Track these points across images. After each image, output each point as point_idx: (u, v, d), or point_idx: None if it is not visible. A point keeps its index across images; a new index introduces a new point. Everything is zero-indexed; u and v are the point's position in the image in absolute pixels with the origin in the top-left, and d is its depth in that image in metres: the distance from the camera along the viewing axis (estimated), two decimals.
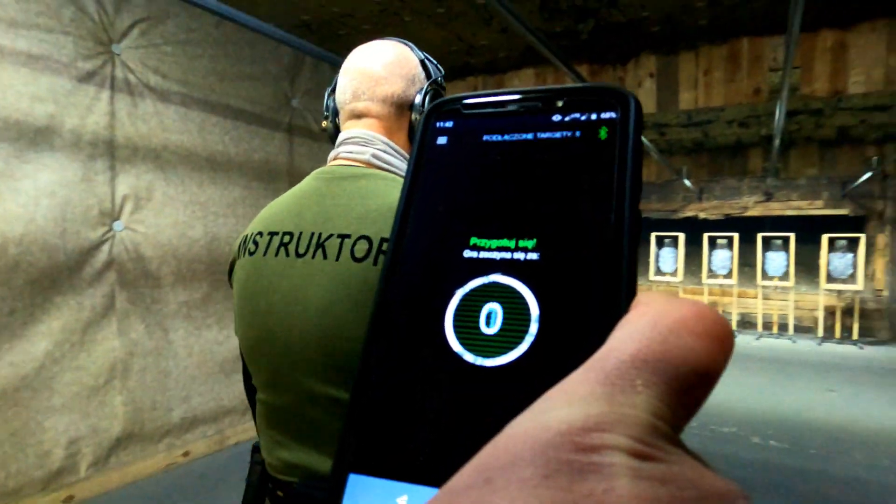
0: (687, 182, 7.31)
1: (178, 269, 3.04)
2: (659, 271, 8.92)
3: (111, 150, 2.71)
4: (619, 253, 0.17)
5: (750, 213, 9.31)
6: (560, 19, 3.54)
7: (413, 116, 0.90)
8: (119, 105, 2.74)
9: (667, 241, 8.92)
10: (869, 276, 8.06)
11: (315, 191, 0.85)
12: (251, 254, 0.85)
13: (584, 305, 0.17)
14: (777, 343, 7.61)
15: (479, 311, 0.18)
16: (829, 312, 8.25)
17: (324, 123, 0.99)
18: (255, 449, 0.91)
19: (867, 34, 3.27)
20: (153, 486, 2.82)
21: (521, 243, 0.19)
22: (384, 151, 0.87)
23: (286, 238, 0.82)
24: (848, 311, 8.05)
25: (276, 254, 0.81)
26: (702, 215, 9.78)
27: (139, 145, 2.83)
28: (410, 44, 0.95)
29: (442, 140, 0.22)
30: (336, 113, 0.94)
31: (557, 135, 0.20)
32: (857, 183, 7.10)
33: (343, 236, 0.77)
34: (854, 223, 8.54)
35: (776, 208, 9.02)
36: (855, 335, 7.66)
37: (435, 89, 0.92)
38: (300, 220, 0.82)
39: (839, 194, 8.39)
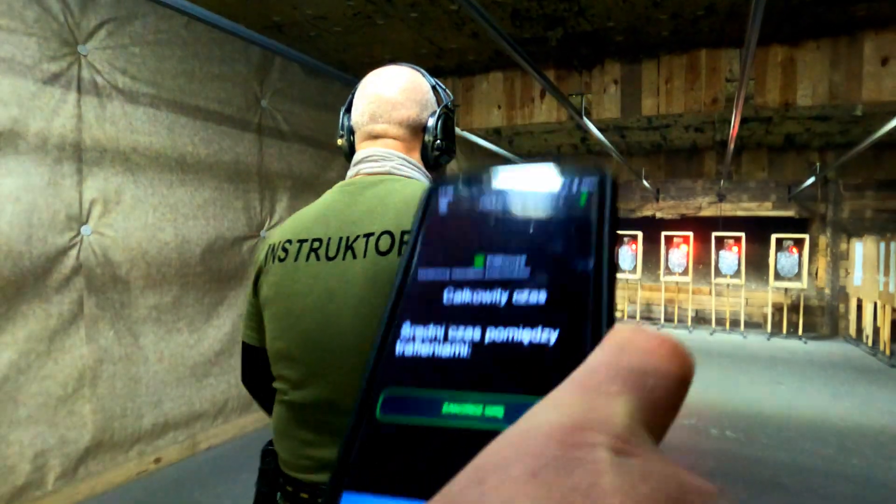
0: (645, 183, 7.57)
1: (148, 272, 2.99)
2: (618, 269, 9.18)
3: (78, 154, 2.64)
4: (599, 296, 0.20)
5: (704, 213, 9.70)
6: (530, 27, 3.64)
7: (426, 138, 0.97)
8: (86, 107, 2.67)
9: (626, 239, 9.21)
10: (812, 275, 8.54)
11: (339, 200, 0.91)
12: (281, 261, 0.90)
13: (579, 339, 0.19)
14: (729, 338, 7.98)
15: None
16: (777, 309, 8.70)
17: (339, 141, 1.05)
18: (266, 453, 0.94)
19: (813, 51, 3.49)
20: (124, 495, 2.77)
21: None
22: (403, 165, 0.94)
23: (315, 244, 0.87)
24: (794, 308, 8.51)
25: (307, 259, 0.87)
26: (658, 214, 10.13)
27: (107, 147, 2.76)
28: (422, 70, 1.01)
29: (443, 208, 0.25)
30: (352, 132, 1.00)
31: (545, 205, 0.23)
32: (801, 187, 7.50)
33: (368, 235, 0.83)
34: (799, 224, 9.03)
35: (728, 209, 9.42)
36: (800, 331, 8.11)
37: (446, 113, 1.00)
38: (327, 227, 0.88)
39: (786, 197, 8.85)
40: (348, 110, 1.02)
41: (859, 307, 7.79)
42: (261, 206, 3.72)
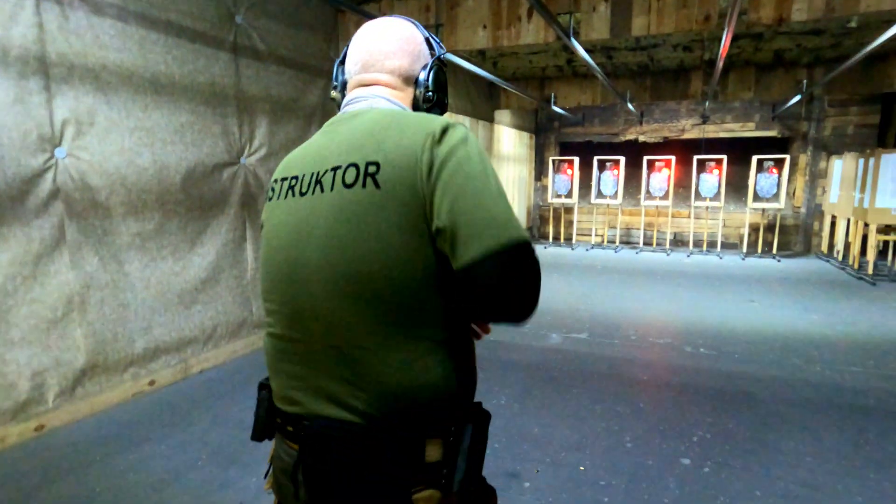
0: (630, 106, 7.46)
1: (129, 198, 2.93)
2: (600, 194, 9.24)
3: (44, 69, 2.50)
4: None
5: (687, 135, 9.66)
6: None
7: (417, 92, 0.96)
8: (47, 16, 2.50)
9: (608, 164, 9.20)
10: (790, 194, 8.68)
11: (319, 138, 0.92)
12: (269, 199, 0.94)
13: None
14: (706, 259, 8.19)
15: None
16: (753, 229, 8.90)
17: (332, 94, 1.04)
18: (262, 386, 0.98)
19: None
20: (122, 414, 2.86)
21: None
22: (386, 102, 0.93)
23: (293, 181, 0.89)
24: (769, 228, 8.71)
25: (285, 196, 0.89)
26: (642, 138, 10.07)
27: (75, 63, 2.62)
28: (416, 22, 1.01)
29: None
30: (345, 84, 1.00)
31: None
32: (787, 105, 7.46)
33: (335, 168, 0.83)
34: (781, 144, 9.06)
35: (711, 130, 9.40)
36: (774, 249, 8.35)
37: (438, 65, 0.98)
38: (304, 165, 0.89)
39: (769, 116, 8.82)
40: (342, 62, 1.01)
41: (833, 224, 8.00)
42: (239, 131, 3.61)
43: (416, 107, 0.96)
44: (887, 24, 4.81)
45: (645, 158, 8.90)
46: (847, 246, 7.34)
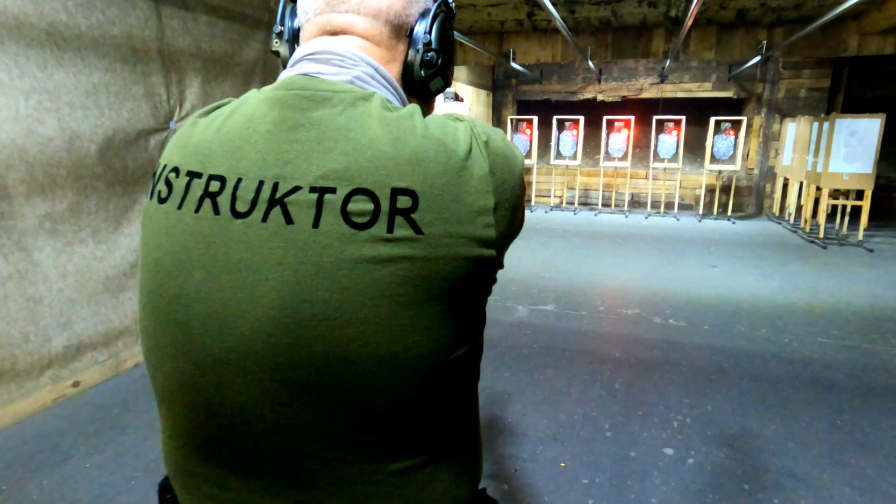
0: (591, 63, 7.20)
1: (31, 175, 2.48)
2: (559, 155, 9.06)
3: None
4: None
5: (645, 94, 9.53)
6: None
7: (412, 50, 0.62)
8: None
9: (567, 124, 8.99)
10: (744, 156, 8.74)
11: (264, 117, 0.55)
12: (161, 200, 0.56)
13: None
14: (663, 221, 8.19)
15: None
16: (709, 191, 8.96)
17: (274, 44, 0.67)
18: (164, 489, 0.66)
19: None
20: (40, 425, 2.49)
21: None
22: (372, 77, 0.59)
23: (213, 185, 0.53)
24: (724, 190, 8.78)
25: (198, 209, 0.53)
26: (600, 97, 9.89)
27: None
28: None
29: None
30: (296, 33, 0.64)
31: None
32: (744, 67, 7.38)
33: (322, 190, 0.50)
34: (736, 105, 9.06)
35: (669, 90, 9.29)
36: (729, 211, 8.43)
37: (445, 12, 0.65)
38: (238, 160, 0.53)
39: (726, 77, 8.77)
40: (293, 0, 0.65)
41: (785, 187, 8.12)
42: (167, 91, 3.14)
43: (407, 74, 0.63)
44: None
45: (604, 118, 8.72)
46: (799, 209, 7.45)
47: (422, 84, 0.63)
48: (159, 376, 0.57)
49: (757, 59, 6.58)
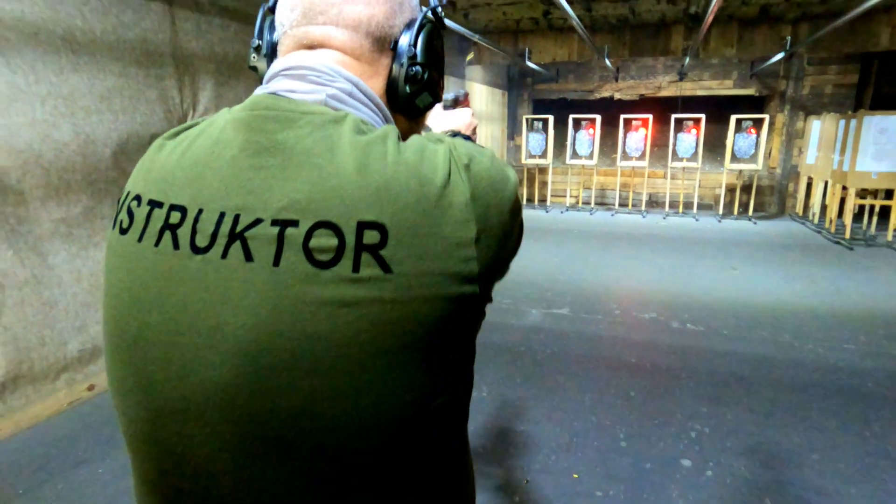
0: (607, 61, 7.10)
1: (47, 180, 2.50)
2: (575, 154, 8.96)
3: None
4: None
5: (663, 92, 9.38)
6: None
7: (395, 64, 0.58)
8: None
9: (583, 123, 8.88)
10: (766, 155, 8.55)
11: (228, 141, 0.51)
12: (123, 231, 0.53)
13: None
14: (683, 221, 8.06)
15: None
16: (729, 190, 8.79)
17: (252, 59, 0.64)
18: None
19: None
20: (55, 429, 2.51)
21: None
22: (350, 95, 0.54)
23: (174, 216, 0.49)
24: (745, 189, 8.60)
25: (157, 242, 0.49)
26: (617, 95, 9.75)
27: None
28: None
29: None
30: (274, 47, 0.61)
31: None
32: (768, 62, 7.21)
33: (283, 223, 0.46)
34: (758, 103, 8.87)
35: (688, 88, 9.13)
36: (750, 211, 8.26)
37: (432, 23, 0.60)
38: (200, 189, 0.49)
39: (748, 74, 8.58)
40: (273, 10, 0.62)
41: (809, 185, 7.93)
42: (180, 95, 3.15)
43: (391, 90, 0.58)
44: None
45: (622, 117, 8.60)
46: (823, 208, 7.27)
47: (407, 100, 0.59)
48: (124, 420, 0.54)
49: (781, 55, 6.42)
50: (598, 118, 8.72)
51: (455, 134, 0.91)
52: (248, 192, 0.47)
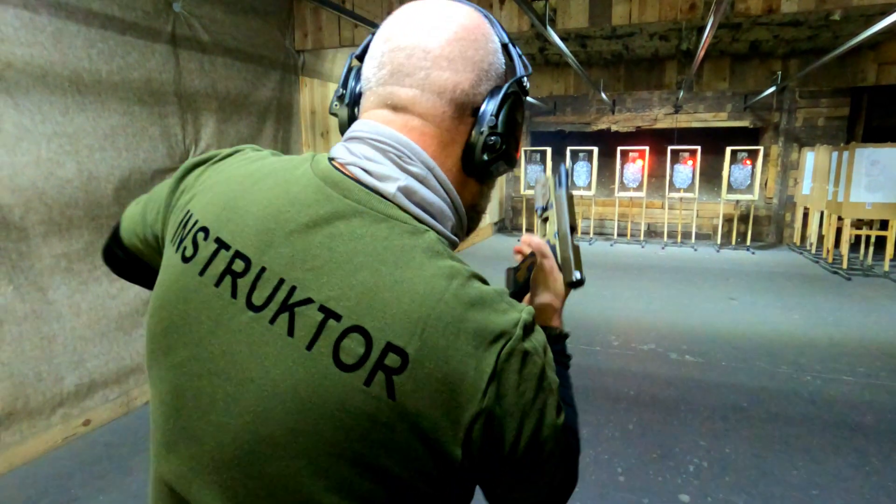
0: (603, 95, 7.24)
1: (49, 216, 2.54)
2: (573, 185, 9.04)
3: None
4: None
5: (659, 125, 9.53)
6: None
7: (475, 132, 0.57)
8: None
9: (581, 154, 9.00)
10: (762, 185, 8.64)
11: (307, 207, 0.52)
12: (185, 259, 0.55)
13: None
14: (681, 251, 8.09)
15: None
16: (727, 220, 8.85)
17: (334, 106, 0.64)
18: None
19: None
20: (49, 465, 2.50)
21: None
22: (423, 183, 0.55)
23: (237, 264, 0.52)
24: (742, 219, 8.66)
25: (218, 283, 0.52)
26: (614, 127, 9.90)
27: None
28: (492, 16, 0.61)
29: None
30: (357, 98, 0.61)
31: None
32: (760, 96, 7.35)
33: (329, 312, 0.48)
34: (752, 135, 9.00)
35: (684, 120, 9.27)
36: (748, 241, 8.30)
37: (516, 93, 0.59)
38: (268, 247, 0.51)
39: (741, 107, 8.73)
40: (361, 58, 0.62)
41: (805, 216, 7.98)
42: (183, 132, 3.22)
43: (468, 156, 0.58)
44: (866, 17, 4.68)
45: (619, 149, 8.72)
46: (820, 238, 7.31)
47: (483, 167, 0.58)
48: (157, 418, 0.57)
49: (772, 89, 6.55)
50: (596, 150, 8.84)
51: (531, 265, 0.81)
52: (310, 269, 0.50)
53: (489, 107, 0.57)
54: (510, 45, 0.61)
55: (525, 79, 0.60)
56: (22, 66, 2.38)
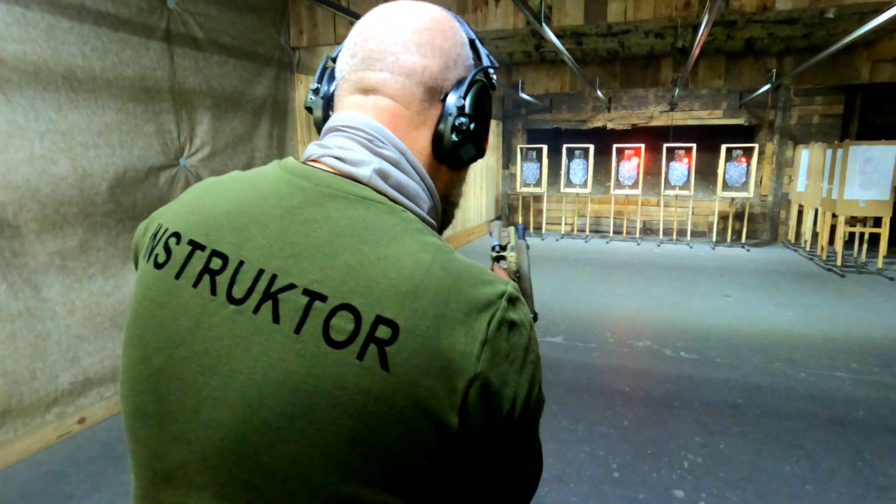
0: (599, 93, 7.24)
1: (43, 214, 2.53)
2: (569, 183, 9.06)
3: None
4: None
5: (655, 122, 9.54)
6: None
7: (444, 118, 0.59)
8: None
9: (577, 152, 9.01)
10: (757, 183, 8.66)
11: (277, 197, 0.54)
12: (158, 266, 0.55)
13: None
14: (676, 249, 8.11)
15: None
16: (722, 217, 8.88)
17: (309, 100, 0.66)
18: None
19: None
20: (43, 463, 2.49)
21: None
22: (395, 166, 0.57)
23: (215, 262, 0.52)
24: (737, 216, 8.69)
25: (196, 283, 0.52)
26: (610, 125, 9.91)
27: None
28: (460, 18, 0.64)
29: None
30: (331, 97, 0.63)
31: None
32: (755, 94, 7.37)
33: (313, 295, 0.48)
34: (748, 132, 9.03)
35: (679, 118, 9.29)
36: (743, 238, 8.33)
37: (483, 83, 0.62)
38: (244, 241, 0.52)
39: (737, 104, 8.76)
40: (335, 60, 0.65)
41: (800, 213, 8.01)
42: (177, 129, 3.21)
43: (437, 140, 0.60)
44: (860, 15, 4.70)
45: (614, 147, 8.73)
46: (815, 236, 7.34)
47: (452, 151, 0.60)
48: (132, 441, 0.56)
49: (767, 86, 6.57)
50: (591, 147, 8.85)
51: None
52: (289, 256, 0.50)
53: (455, 94, 0.59)
54: (476, 42, 0.64)
55: (492, 72, 0.63)
56: (14, 63, 2.36)
